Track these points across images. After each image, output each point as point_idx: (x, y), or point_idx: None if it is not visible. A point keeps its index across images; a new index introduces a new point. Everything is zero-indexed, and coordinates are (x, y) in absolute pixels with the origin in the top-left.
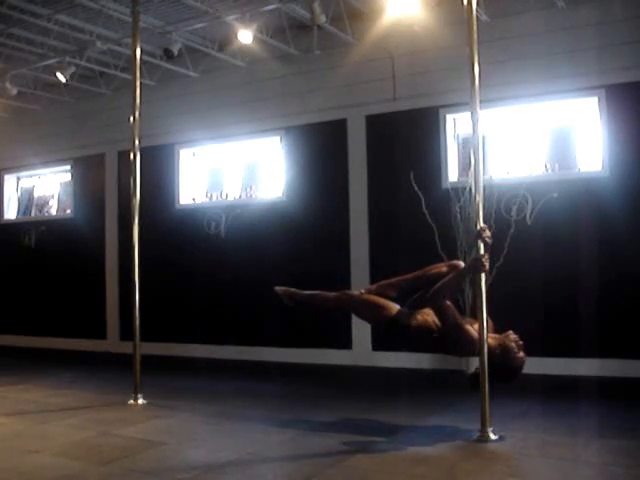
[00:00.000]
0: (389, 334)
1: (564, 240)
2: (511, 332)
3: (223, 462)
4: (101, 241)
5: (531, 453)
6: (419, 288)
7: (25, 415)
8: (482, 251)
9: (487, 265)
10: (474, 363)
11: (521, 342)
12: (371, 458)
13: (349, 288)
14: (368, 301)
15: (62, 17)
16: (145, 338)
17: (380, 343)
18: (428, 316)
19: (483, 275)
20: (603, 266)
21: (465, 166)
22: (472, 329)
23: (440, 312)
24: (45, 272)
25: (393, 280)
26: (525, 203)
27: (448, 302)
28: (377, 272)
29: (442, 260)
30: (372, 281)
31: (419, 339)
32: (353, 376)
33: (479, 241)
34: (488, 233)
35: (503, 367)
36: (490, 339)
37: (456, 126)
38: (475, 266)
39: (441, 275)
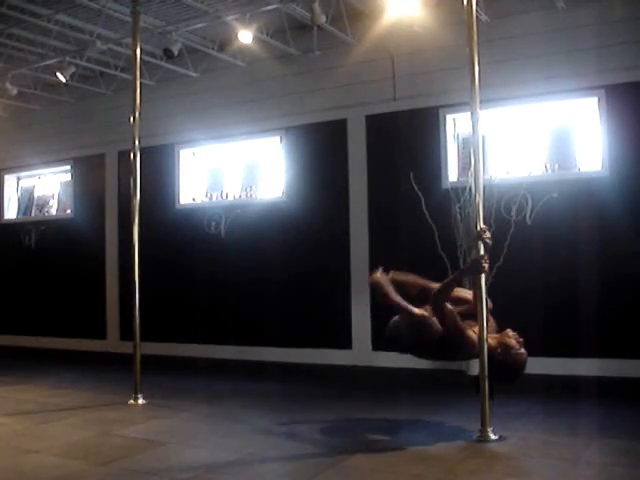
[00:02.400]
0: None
1: (564, 240)
2: (509, 330)
3: (223, 462)
4: (101, 241)
5: (531, 453)
6: (418, 298)
7: (25, 415)
8: (482, 252)
9: (487, 266)
10: (474, 364)
11: (521, 339)
12: (371, 458)
13: (349, 288)
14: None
15: (62, 17)
16: (145, 338)
17: (380, 343)
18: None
19: (483, 275)
20: (603, 266)
21: (465, 166)
22: (472, 332)
23: (440, 315)
24: (45, 272)
25: (410, 280)
26: (525, 203)
27: (448, 305)
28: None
29: (442, 260)
30: None
31: (421, 348)
32: (353, 376)
33: (479, 242)
34: (488, 234)
35: (506, 366)
36: (490, 339)
37: (456, 126)
38: (475, 267)
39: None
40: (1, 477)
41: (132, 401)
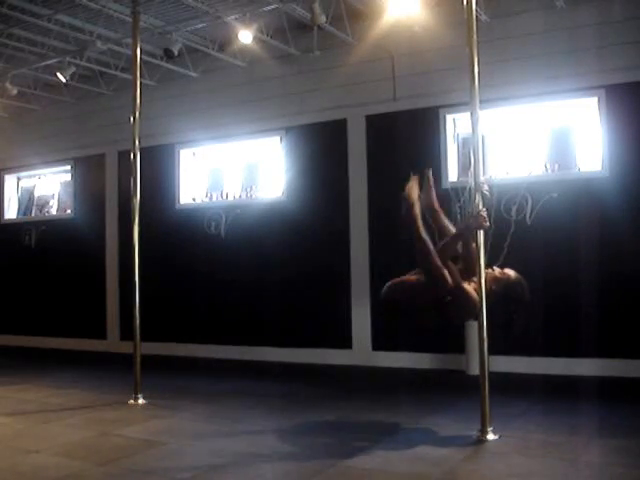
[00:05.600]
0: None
1: (564, 240)
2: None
3: (223, 462)
4: (101, 241)
5: (531, 453)
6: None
7: (25, 415)
8: (481, 206)
9: (487, 222)
10: (474, 364)
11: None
12: (371, 458)
13: (349, 288)
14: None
15: (62, 17)
16: (145, 338)
17: (380, 343)
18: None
19: (483, 266)
20: (603, 266)
21: (465, 166)
22: (472, 290)
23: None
24: (45, 272)
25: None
26: (525, 203)
27: (450, 262)
28: (377, 272)
29: None
30: (372, 281)
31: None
32: (353, 376)
33: (477, 194)
34: (487, 186)
35: (510, 290)
36: (476, 289)
37: (456, 126)
38: (477, 222)
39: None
40: (1, 477)
41: (132, 401)
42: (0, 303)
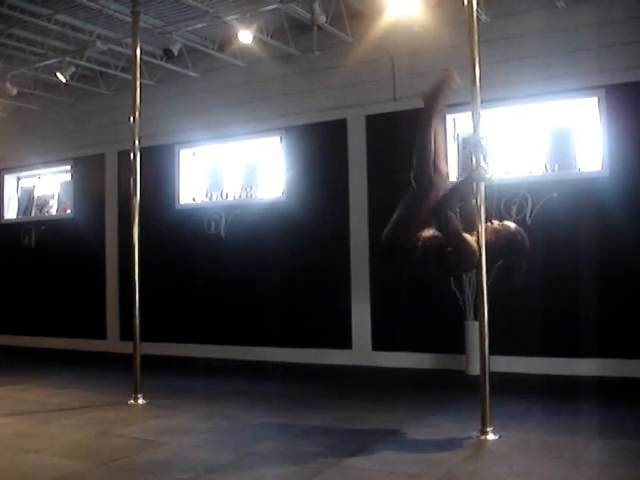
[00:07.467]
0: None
1: (564, 240)
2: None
3: (223, 462)
4: (101, 241)
5: (531, 453)
6: None
7: (25, 415)
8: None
9: (488, 172)
10: (474, 364)
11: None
12: (371, 458)
13: (349, 288)
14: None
15: (62, 17)
16: (145, 338)
17: (380, 343)
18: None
19: (484, 278)
20: (603, 266)
21: (465, 166)
22: (472, 239)
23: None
24: (45, 272)
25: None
26: (525, 203)
27: (450, 213)
28: (377, 272)
29: None
30: (372, 281)
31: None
32: (353, 376)
33: (477, 150)
34: (486, 141)
35: (514, 240)
36: (490, 236)
37: (456, 126)
38: (478, 173)
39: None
40: (1, 477)
41: (132, 401)
42: (0, 303)
